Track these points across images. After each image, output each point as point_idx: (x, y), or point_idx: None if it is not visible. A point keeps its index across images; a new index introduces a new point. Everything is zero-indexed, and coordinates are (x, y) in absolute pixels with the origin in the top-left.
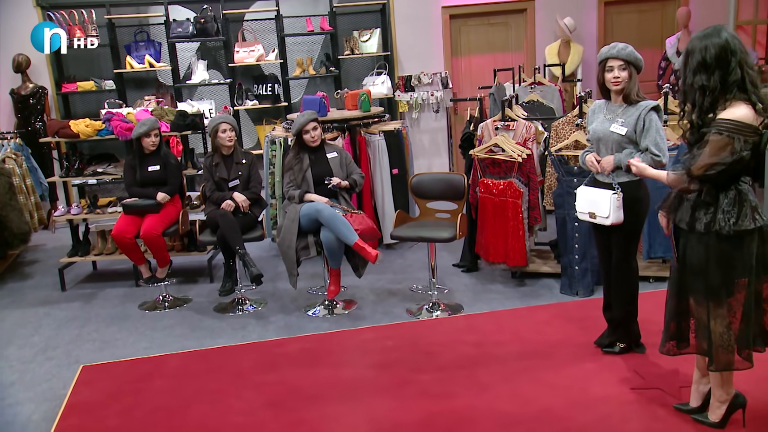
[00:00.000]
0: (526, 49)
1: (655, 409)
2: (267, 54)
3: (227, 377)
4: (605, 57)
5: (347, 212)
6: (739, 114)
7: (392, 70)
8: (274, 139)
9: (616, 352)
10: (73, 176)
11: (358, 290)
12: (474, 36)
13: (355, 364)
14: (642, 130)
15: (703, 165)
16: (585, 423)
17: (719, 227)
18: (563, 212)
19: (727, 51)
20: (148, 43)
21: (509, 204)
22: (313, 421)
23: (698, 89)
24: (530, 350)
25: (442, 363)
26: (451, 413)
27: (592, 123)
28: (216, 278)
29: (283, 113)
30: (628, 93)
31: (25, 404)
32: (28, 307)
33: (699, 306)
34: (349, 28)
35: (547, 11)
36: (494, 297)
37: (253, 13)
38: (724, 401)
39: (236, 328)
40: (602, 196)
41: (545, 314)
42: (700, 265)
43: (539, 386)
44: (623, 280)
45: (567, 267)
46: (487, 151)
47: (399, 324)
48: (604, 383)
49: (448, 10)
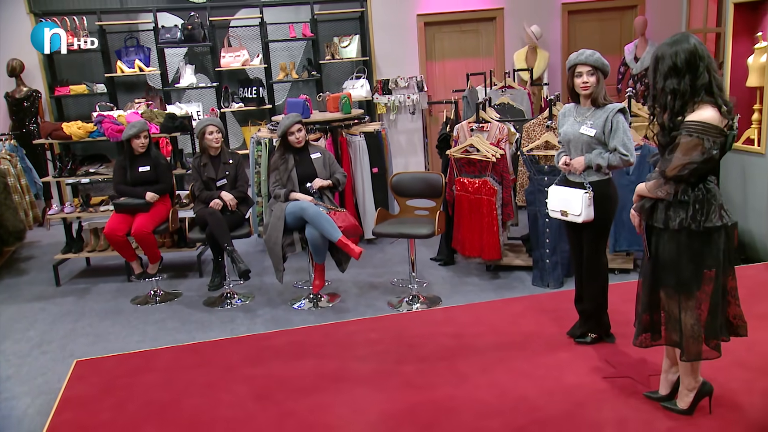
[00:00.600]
0: (495, 54)
1: (626, 398)
2: (252, 59)
3: (217, 371)
4: (574, 63)
5: (331, 210)
6: (706, 116)
7: (371, 74)
8: (260, 140)
9: (588, 342)
10: (66, 176)
11: (341, 284)
12: (447, 42)
13: (340, 357)
14: (610, 131)
15: (677, 166)
16: (560, 412)
17: (690, 225)
18: (535, 209)
19: (696, 56)
20: (137, 49)
21: (484, 201)
22: (301, 414)
23: (669, 93)
24: (506, 341)
25: (423, 354)
26: (433, 404)
27: (563, 126)
28: (205, 273)
29: (267, 115)
30: (596, 97)
31: (21, 398)
32: (24, 303)
33: (670, 299)
34: (330, 35)
35: (515, 19)
36: (470, 289)
37: (238, 20)
38: (692, 389)
39: (225, 321)
40: (574, 195)
41: (519, 306)
42: (672, 260)
43: (516, 376)
44: (594, 274)
45: (538, 260)
46: (463, 151)
47: (382, 317)
48: (578, 372)
49: (422, 18)
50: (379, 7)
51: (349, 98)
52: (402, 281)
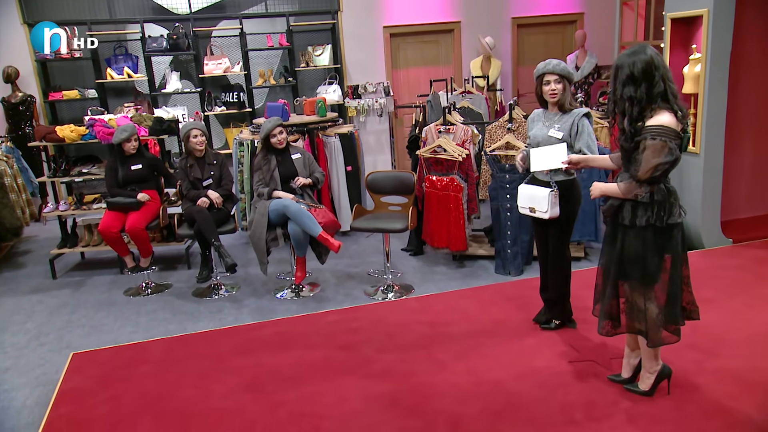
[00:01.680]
0: (454, 63)
1: (591, 380)
2: (233, 66)
3: (208, 361)
4: (542, 72)
5: (311, 207)
6: (664, 120)
7: (342, 80)
8: (242, 141)
9: (552, 328)
10: (60, 176)
11: (321, 274)
12: (410, 51)
13: (324, 346)
14: (576, 134)
15: (649, 168)
16: (533, 396)
17: (656, 222)
18: (497, 204)
19: (652, 66)
20: (126, 57)
21: (451, 197)
22: (292, 403)
23: (627, 99)
24: (478, 328)
25: (402, 343)
26: (414, 391)
27: (532, 129)
28: (193, 265)
29: (248, 118)
30: (563, 103)
31: (20, 390)
32: (22, 295)
33: (635, 292)
34: (304, 44)
35: (471, 31)
36: (440, 278)
37: (220, 31)
38: (653, 372)
39: (213, 311)
40: (541, 193)
41: (487, 294)
42: (638, 255)
43: (489, 362)
44: (559, 265)
45: (501, 250)
46: (432, 151)
47: (361, 306)
48: (545, 357)
49: (388, 29)
50: (349, 19)
51: (324, 102)
52: (377, 272)
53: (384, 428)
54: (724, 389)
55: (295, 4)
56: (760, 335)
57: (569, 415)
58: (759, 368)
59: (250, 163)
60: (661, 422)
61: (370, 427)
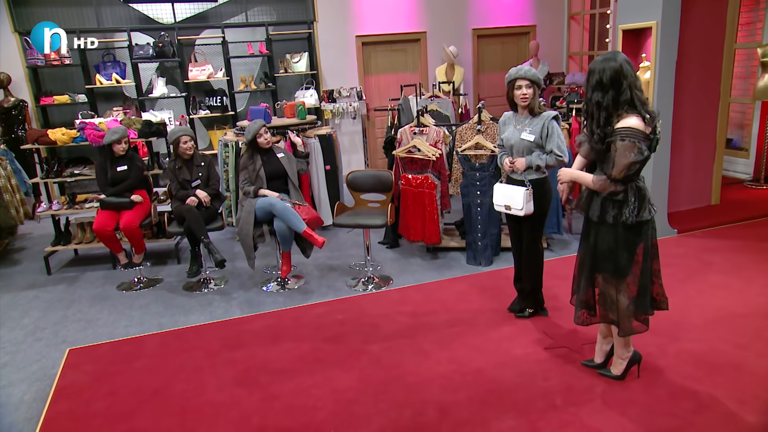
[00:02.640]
0: (420, 69)
1: (567, 366)
2: (216, 72)
3: (202, 355)
4: (514, 78)
5: (295, 204)
6: (632, 123)
7: (318, 85)
8: (227, 142)
9: (527, 316)
10: (53, 178)
11: (304, 267)
12: (381, 59)
13: (312, 338)
14: (546, 136)
15: (622, 167)
16: (514, 383)
17: (626, 219)
18: (468, 200)
19: (620, 74)
20: (114, 63)
21: (426, 194)
22: (285, 396)
23: (595, 104)
24: (457, 318)
25: (386, 334)
26: (402, 381)
27: (504, 132)
28: (182, 260)
29: (230, 120)
30: (533, 106)
31: (17, 385)
32: (18, 291)
33: (607, 284)
34: (282, 52)
35: (436, 41)
36: (416, 269)
37: (203, 39)
38: (625, 358)
39: (204, 304)
40: (516, 192)
41: (463, 285)
42: (610, 250)
43: (470, 350)
44: (532, 258)
45: (472, 243)
46: (407, 151)
47: (344, 299)
48: (522, 344)
49: (360, 39)
50: (324, 29)
51: (303, 106)
52: (358, 264)
53: (377, 418)
54: (687, 371)
55: (274, 15)
56: (713, 319)
57: (550, 400)
58: (717, 351)
59: (235, 163)
60: (635, 405)
61: (364, 418)
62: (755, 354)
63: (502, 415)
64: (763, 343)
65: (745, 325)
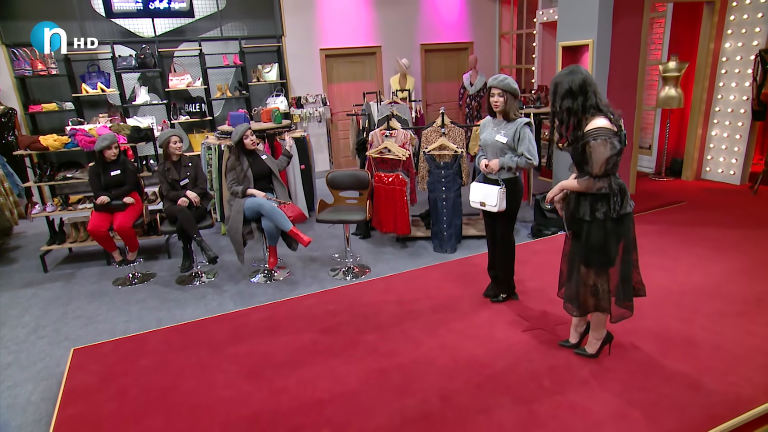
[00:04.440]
0: (376, 79)
1: (546, 347)
2: (194, 81)
3: (204, 351)
4: (490, 86)
5: (281, 203)
6: (600, 123)
7: (287, 92)
8: (210, 145)
9: (501, 300)
10: (46, 181)
11: (287, 259)
12: (342, 69)
13: (309, 330)
14: (518, 140)
15: (600, 164)
16: (503, 366)
17: (613, 212)
18: (435, 195)
19: (586, 82)
20: (99, 74)
21: (397, 191)
22: (292, 389)
23: (565, 110)
24: (439, 304)
25: (378, 323)
26: (401, 369)
27: (483, 134)
28: (173, 255)
29: (208, 125)
30: (507, 112)
31: (23, 385)
32: (17, 289)
33: (597, 276)
34: (255, 63)
35: (390, 53)
36: (389, 257)
37: (181, 51)
38: (599, 338)
39: (198, 297)
40: (491, 190)
41: (438, 272)
42: (600, 243)
43: (457, 336)
44: (505, 249)
45: (438, 233)
46: (379, 152)
47: (333, 289)
48: (502, 328)
49: (324, 51)
50: (292, 42)
51: (279, 111)
52: (339, 256)
53: (385, 408)
54: (648, 347)
55: (245, 30)
56: (658, 298)
57: (538, 382)
58: (668, 326)
59: (218, 164)
60: (612, 381)
61: (372, 408)
62: (699, 328)
63: (500, 400)
64: (703, 317)
65: (684, 301)
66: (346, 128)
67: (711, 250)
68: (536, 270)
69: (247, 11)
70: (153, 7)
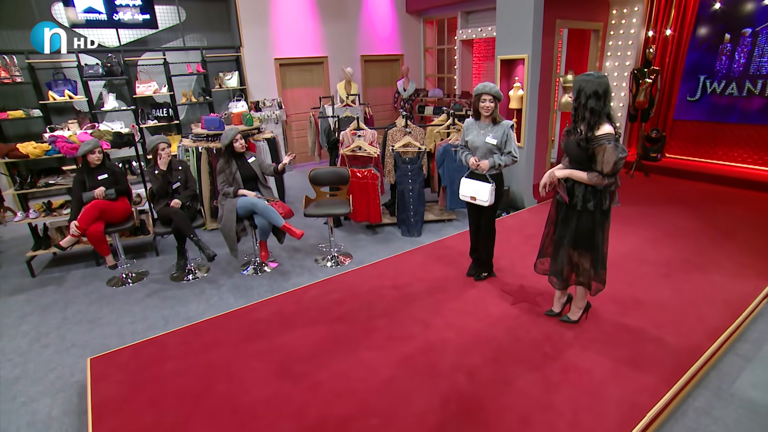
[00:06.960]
0: (324, 85)
1: (535, 317)
2: (160, 88)
3: (226, 350)
4: (480, 92)
5: (270, 201)
6: (607, 130)
7: (246, 97)
8: (187, 147)
9: (483, 278)
10: (28, 189)
11: (273, 250)
12: (295, 77)
13: (322, 320)
14: (505, 141)
15: (612, 164)
16: (507, 339)
17: (602, 205)
18: (402, 187)
19: (608, 89)
20: (65, 81)
21: (369, 184)
22: (327, 382)
23: (589, 110)
24: (431, 286)
25: (383, 308)
26: (421, 352)
27: (469, 135)
28: (161, 252)
29: (174, 128)
30: (495, 116)
31: (39, 400)
32: (6, 296)
33: (582, 257)
34: (216, 71)
35: (336, 63)
36: (365, 243)
37: (145, 60)
38: (581, 307)
39: (197, 293)
40: (481, 187)
41: (419, 256)
42: (589, 231)
43: (458, 314)
44: (489, 236)
45: (405, 220)
46: (352, 150)
47: (331, 279)
48: (494, 303)
49: (278, 60)
50: (250, 52)
51: (250, 114)
52: (323, 245)
53: (420, 392)
54: (611, 309)
55: (205, 41)
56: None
57: (541, 349)
58: (619, 290)
59: (197, 165)
60: (596, 342)
61: (409, 394)
62: (641, 289)
63: (517, 369)
64: (641, 280)
65: (623, 267)
66: (301, 128)
67: (623, 224)
68: (501, 249)
69: (206, 24)
70: (117, 18)
